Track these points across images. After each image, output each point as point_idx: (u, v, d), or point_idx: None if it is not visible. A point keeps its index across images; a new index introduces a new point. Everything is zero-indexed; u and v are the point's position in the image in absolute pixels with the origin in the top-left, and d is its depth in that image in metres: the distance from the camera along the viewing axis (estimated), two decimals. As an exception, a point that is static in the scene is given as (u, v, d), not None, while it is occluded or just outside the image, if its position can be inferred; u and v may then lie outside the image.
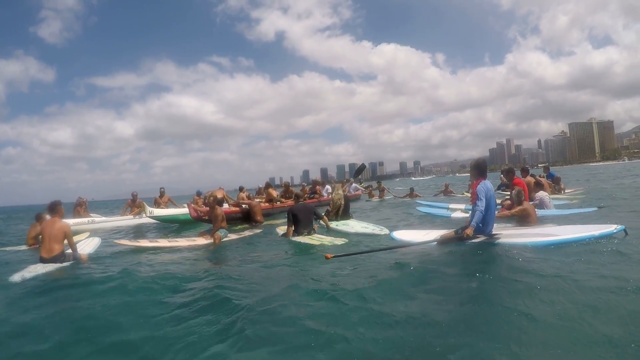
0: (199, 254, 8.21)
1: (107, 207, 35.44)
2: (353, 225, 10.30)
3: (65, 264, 7.01)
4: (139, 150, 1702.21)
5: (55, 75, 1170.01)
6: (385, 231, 9.02)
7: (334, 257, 5.76)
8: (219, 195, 14.58)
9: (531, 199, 9.50)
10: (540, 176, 13.51)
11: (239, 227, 12.28)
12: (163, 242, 9.41)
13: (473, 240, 6.26)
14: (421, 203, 14.87)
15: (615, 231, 5.89)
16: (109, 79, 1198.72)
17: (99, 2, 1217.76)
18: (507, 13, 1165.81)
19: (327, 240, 8.37)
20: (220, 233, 9.56)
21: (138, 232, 13.27)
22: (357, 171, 24.89)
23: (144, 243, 9.29)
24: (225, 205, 14.01)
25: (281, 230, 9.95)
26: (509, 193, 9.46)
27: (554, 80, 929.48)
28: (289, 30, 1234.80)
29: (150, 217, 14.16)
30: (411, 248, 6.52)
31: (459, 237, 6.31)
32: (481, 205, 6.15)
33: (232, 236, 9.94)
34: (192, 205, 12.81)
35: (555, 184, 14.87)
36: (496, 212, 7.00)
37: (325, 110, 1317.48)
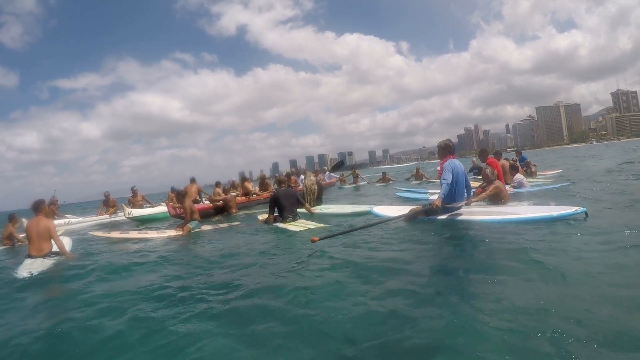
0: (172, 245, 8.20)
1: (80, 208, 34.69)
2: (334, 208, 10.42)
3: (53, 259, 7.06)
4: (106, 151, 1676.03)
5: (19, 80, 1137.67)
6: (366, 208, 9.51)
7: (320, 239, 5.90)
8: (194, 190, 14.53)
9: (508, 182, 9.84)
10: (512, 160, 13.78)
11: (216, 219, 12.28)
12: (133, 234, 9.87)
13: (440, 217, 6.83)
14: (401, 189, 15.03)
15: (575, 212, 5.94)
16: (72, 81, 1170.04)
17: (58, 3, 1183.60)
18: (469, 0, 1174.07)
19: (311, 224, 8.39)
20: (190, 225, 9.58)
21: (116, 229, 13.04)
22: (335, 167, 25.15)
23: (116, 234, 9.98)
24: (207, 202, 14.12)
25: (261, 217, 9.97)
26: (480, 177, 9.68)
27: (519, 65, 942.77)
28: (251, 24, 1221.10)
29: (129, 218, 14.07)
30: (389, 224, 7.10)
31: (426, 211, 6.96)
32: (447, 177, 6.69)
33: (207, 227, 9.92)
34: (170, 203, 12.76)
35: (527, 168, 15.14)
36: (472, 194, 7.47)
37: (291, 102, 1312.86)
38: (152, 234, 9.66)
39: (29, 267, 6.51)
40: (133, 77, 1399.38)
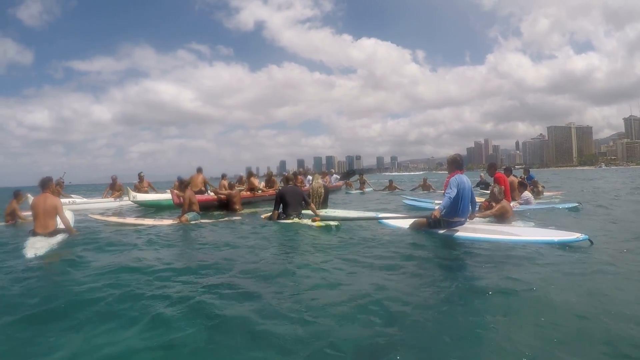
0: (167, 233, 8.21)
1: (85, 190, 34.75)
2: (340, 213, 10.43)
3: (59, 237, 7.11)
4: (115, 135, 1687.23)
5: (34, 57, 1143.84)
6: (372, 214, 9.60)
7: (321, 221, 6.52)
8: (199, 180, 14.47)
9: (515, 199, 9.84)
10: (520, 177, 13.70)
11: (216, 213, 12.21)
12: (130, 220, 10.16)
13: (442, 231, 6.90)
14: (407, 197, 15.08)
15: (577, 239, 5.73)
16: (87, 63, 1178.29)
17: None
18: (488, 14, 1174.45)
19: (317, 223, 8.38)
20: (187, 216, 9.60)
21: (119, 214, 13.09)
22: (346, 174, 25.16)
23: (113, 219, 10.18)
24: (212, 194, 14.10)
25: (264, 215, 9.97)
26: (488, 192, 9.67)
27: (535, 82, 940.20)
28: (269, 21, 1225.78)
29: (133, 201, 14.11)
30: (392, 230, 7.47)
31: (429, 223, 7.03)
32: (450, 192, 6.74)
33: (206, 220, 9.89)
34: (175, 191, 12.77)
35: (534, 187, 15.05)
36: (477, 209, 7.51)
37: (304, 101, 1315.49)
38: (148, 222, 9.75)
39: (35, 246, 6.41)
40: (148, 64, 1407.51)
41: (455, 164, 7.14)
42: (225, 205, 13.09)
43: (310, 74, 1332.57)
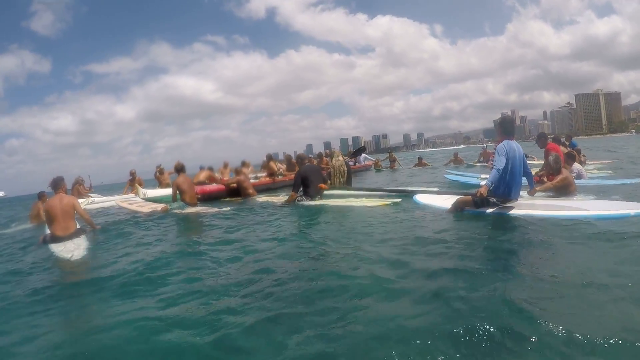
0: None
1: (109, 190, 34.96)
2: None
3: (84, 237, 6.72)
4: (140, 132, 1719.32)
5: (51, 65, 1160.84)
6: (410, 187, 9.12)
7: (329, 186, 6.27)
8: (202, 176, 13.56)
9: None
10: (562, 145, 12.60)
11: (227, 200, 11.51)
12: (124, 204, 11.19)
13: (492, 210, 5.84)
14: (450, 172, 13.92)
15: None
16: (105, 65, 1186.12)
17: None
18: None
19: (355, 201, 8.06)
20: (170, 205, 9.28)
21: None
22: (354, 153, 23.03)
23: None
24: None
25: (276, 199, 9.42)
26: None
27: (557, 50, 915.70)
28: (280, 6, 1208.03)
29: (143, 198, 13.18)
30: (427, 210, 6.73)
31: (475, 202, 5.95)
32: (499, 163, 5.66)
33: (191, 210, 9.16)
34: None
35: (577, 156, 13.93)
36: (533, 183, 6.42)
37: (325, 84, 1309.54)
38: (130, 206, 10.50)
39: (58, 253, 5.86)
40: (165, 60, 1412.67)
41: (503, 128, 6.11)
42: (236, 192, 11.98)
43: (330, 56, 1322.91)
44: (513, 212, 5.70)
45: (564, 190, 6.86)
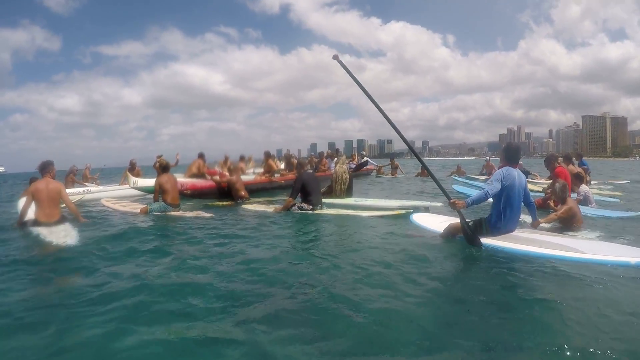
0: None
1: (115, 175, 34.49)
2: (369, 202, 9.40)
3: (67, 226, 6.43)
4: (146, 118, 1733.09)
5: (62, 44, 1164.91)
6: (408, 203, 8.79)
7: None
8: (194, 168, 13.02)
9: (572, 193, 8.04)
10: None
11: (220, 203, 10.52)
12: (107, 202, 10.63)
13: (485, 240, 5.20)
14: (459, 180, 13.93)
15: None
16: (115, 48, 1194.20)
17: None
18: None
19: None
20: (150, 206, 8.58)
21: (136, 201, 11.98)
22: (357, 167, 22.30)
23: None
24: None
25: (268, 208, 8.92)
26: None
27: (568, 70, 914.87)
28: (295, 3, 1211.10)
29: (134, 187, 12.55)
30: (420, 232, 6.23)
31: (466, 234, 5.32)
32: (491, 187, 5.11)
33: (176, 213, 8.47)
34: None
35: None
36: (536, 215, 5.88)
37: (334, 84, 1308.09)
38: (113, 206, 9.94)
39: (41, 238, 5.75)
40: (176, 48, 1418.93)
41: (506, 154, 5.48)
42: (226, 193, 11.05)
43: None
44: (507, 244, 5.08)
45: (568, 222, 6.41)
